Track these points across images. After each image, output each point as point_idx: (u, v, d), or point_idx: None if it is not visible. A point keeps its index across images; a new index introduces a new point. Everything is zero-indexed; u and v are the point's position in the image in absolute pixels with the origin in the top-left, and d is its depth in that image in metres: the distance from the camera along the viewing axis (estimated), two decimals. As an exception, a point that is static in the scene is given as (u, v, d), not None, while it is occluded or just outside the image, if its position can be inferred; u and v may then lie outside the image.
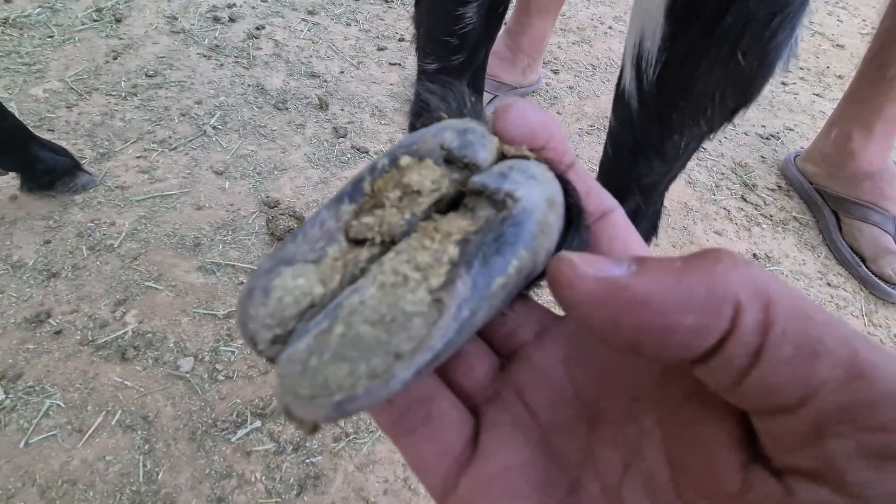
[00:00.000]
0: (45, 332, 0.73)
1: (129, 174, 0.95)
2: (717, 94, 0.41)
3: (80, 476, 0.62)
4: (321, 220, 0.16)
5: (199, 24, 1.29)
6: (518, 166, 0.15)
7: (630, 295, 0.12)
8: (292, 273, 0.15)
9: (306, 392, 0.13)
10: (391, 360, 0.13)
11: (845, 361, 0.11)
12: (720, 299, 0.12)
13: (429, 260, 0.14)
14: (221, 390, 0.71)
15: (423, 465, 0.18)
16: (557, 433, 0.17)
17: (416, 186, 0.16)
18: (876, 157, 0.96)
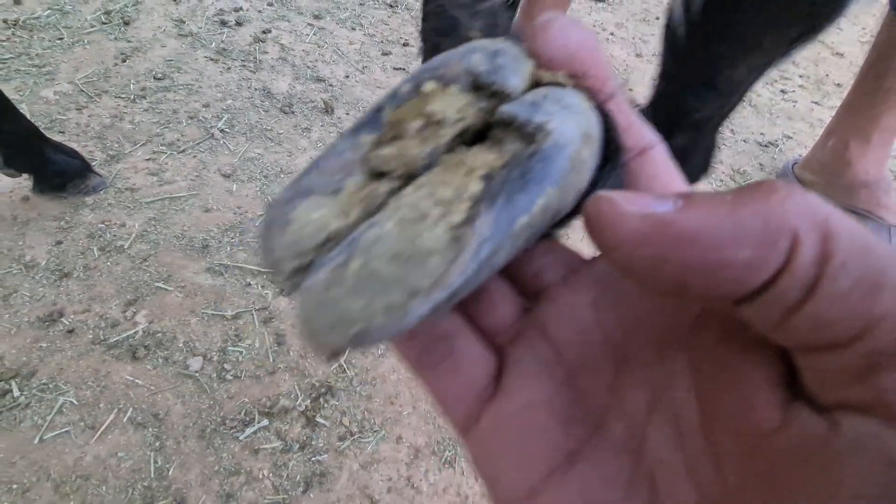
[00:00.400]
0: (57, 331, 0.75)
1: (139, 176, 0.97)
2: (773, 24, 0.36)
3: (92, 471, 0.64)
4: (339, 151, 0.15)
5: (206, 27, 1.31)
6: (552, 95, 0.14)
7: (677, 231, 0.12)
8: (310, 205, 0.15)
9: (324, 322, 0.14)
10: (407, 296, 0.13)
11: None
12: (776, 231, 0.11)
13: (450, 195, 0.13)
14: (230, 389, 0.73)
15: (446, 399, 0.18)
16: (582, 372, 0.17)
17: (438, 116, 0.15)
18: (872, 167, 0.97)
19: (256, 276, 0.85)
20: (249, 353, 0.76)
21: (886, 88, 0.89)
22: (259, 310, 0.81)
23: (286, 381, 0.74)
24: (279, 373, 0.75)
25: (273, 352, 0.77)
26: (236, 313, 0.80)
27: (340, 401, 0.73)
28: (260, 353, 0.77)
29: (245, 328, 0.79)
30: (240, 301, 0.82)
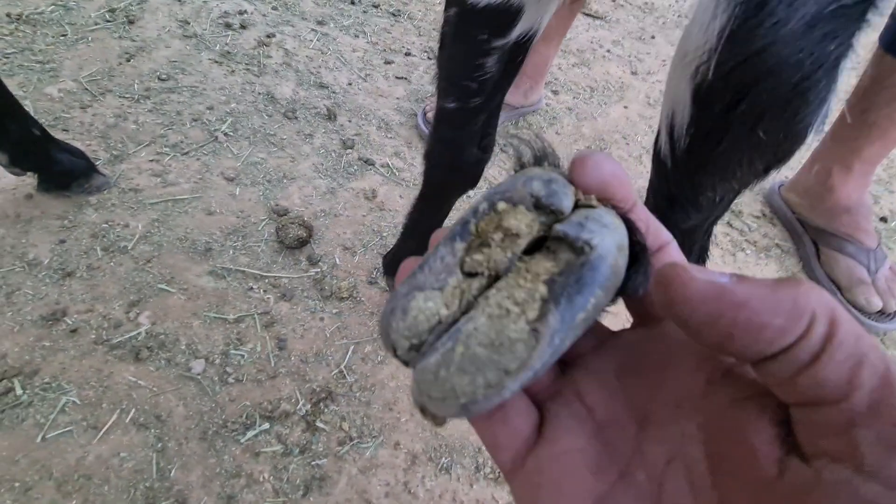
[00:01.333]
0: (60, 330, 0.76)
1: (143, 177, 0.97)
2: (745, 160, 0.44)
3: (95, 471, 0.65)
4: (441, 256, 0.20)
5: (210, 29, 1.32)
6: (593, 216, 0.19)
7: (733, 297, 0.15)
8: (424, 297, 0.19)
9: (438, 395, 0.18)
10: (502, 374, 0.17)
11: (881, 372, 0.14)
12: (801, 310, 0.15)
13: (525, 296, 0.18)
14: (231, 392, 0.74)
15: (496, 445, 0.21)
16: (610, 428, 0.20)
17: (514, 230, 0.19)
18: (854, 193, 1.02)
19: (258, 280, 0.87)
20: (251, 357, 0.78)
21: (870, 123, 0.93)
22: (261, 314, 0.83)
23: (287, 385, 0.76)
24: (280, 377, 0.77)
25: (274, 356, 0.79)
26: (238, 317, 0.82)
27: (340, 406, 0.75)
28: (261, 356, 0.78)
29: (247, 332, 0.80)
30: (242, 305, 0.83)
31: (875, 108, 0.92)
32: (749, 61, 0.37)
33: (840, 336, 0.15)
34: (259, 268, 0.88)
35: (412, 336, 0.19)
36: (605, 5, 1.74)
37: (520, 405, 0.21)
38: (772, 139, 0.41)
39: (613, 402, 0.21)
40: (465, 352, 0.18)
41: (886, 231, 1.21)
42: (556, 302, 0.18)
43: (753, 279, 0.16)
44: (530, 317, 0.18)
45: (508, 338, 0.17)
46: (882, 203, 1.29)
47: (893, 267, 1.04)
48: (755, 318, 0.15)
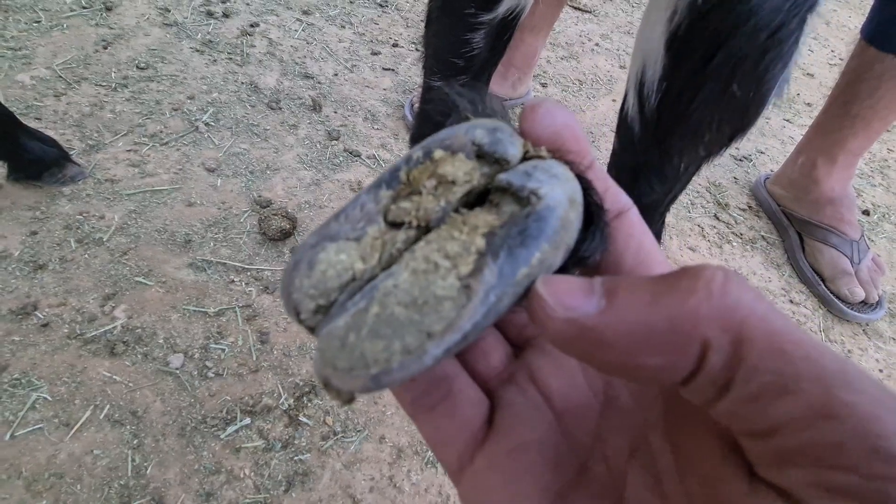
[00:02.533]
0: (31, 325, 0.73)
1: (119, 167, 0.94)
2: (715, 123, 0.43)
3: (67, 469, 0.62)
4: (361, 203, 0.17)
5: (192, 17, 1.28)
6: (542, 166, 0.16)
7: (596, 336, 0.13)
8: (335, 248, 0.16)
9: (345, 365, 0.15)
10: (424, 338, 0.14)
11: (816, 401, 0.11)
12: (686, 338, 0.12)
13: (458, 249, 0.15)
14: (211, 387, 0.72)
15: (440, 441, 0.19)
16: (569, 417, 0.18)
17: (450, 177, 0.17)
18: (838, 185, 1.03)
19: (240, 272, 0.85)
20: (232, 351, 0.76)
21: (853, 114, 0.94)
22: (242, 307, 0.81)
23: (269, 379, 0.74)
24: (262, 371, 0.75)
25: (256, 350, 0.77)
26: (219, 310, 0.80)
27: (324, 400, 0.74)
28: (243, 350, 0.76)
29: (228, 325, 0.78)
30: (223, 298, 0.81)
31: (857, 99, 0.92)
32: (729, 1, 0.35)
33: (752, 359, 0.11)
34: (241, 260, 0.86)
35: (319, 295, 0.16)
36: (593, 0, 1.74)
37: (469, 394, 0.19)
38: (743, 96, 0.40)
39: (572, 386, 0.18)
40: (381, 312, 0.15)
41: (869, 223, 1.23)
42: (494, 255, 0.15)
43: (628, 296, 0.13)
44: (462, 272, 0.15)
45: (434, 295, 0.15)
46: (865, 196, 1.31)
47: (876, 258, 1.05)
48: (625, 360, 0.13)
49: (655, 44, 0.41)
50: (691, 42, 0.39)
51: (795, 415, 0.11)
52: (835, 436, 0.11)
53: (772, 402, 0.11)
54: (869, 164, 1.41)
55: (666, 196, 0.54)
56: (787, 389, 0.11)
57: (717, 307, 0.12)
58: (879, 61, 0.88)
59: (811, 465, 0.11)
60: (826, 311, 1.02)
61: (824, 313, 1.02)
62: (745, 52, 0.37)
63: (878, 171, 1.40)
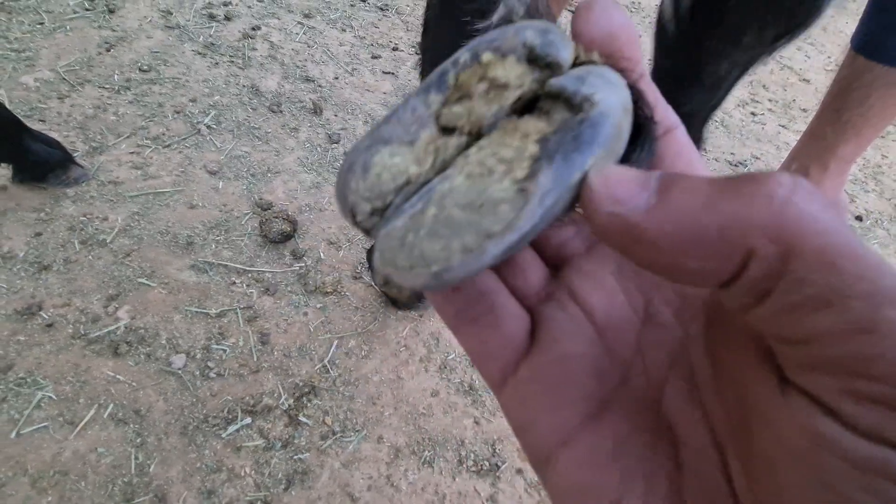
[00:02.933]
0: (36, 325, 0.74)
1: (122, 169, 0.96)
2: (755, 22, 0.39)
3: (71, 467, 0.64)
4: (412, 107, 0.17)
5: (194, 20, 1.29)
6: (595, 71, 0.16)
7: (639, 234, 0.13)
8: (389, 152, 0.16)
9: (405, 263, 0.15)
10: (483, 237, 0.14)
11: (861, 316, 0.11)
12: (731, 245, 0.12)
13: (511, 155, 0.15)
14: (213, 387, 0.73)
15: (484, 352, 0.19)
16: (609, 331, 0.18)
17: (502, 80, 0.16)
18: (830, 192, 1.04)
19: (241, 274, 0.86)
20: (233, 352, 0.77)
21: (844, 122, 0.96)
22: (243, 308, 0.82)
23: (270, 380, 0.75)
24: (263, 372, 0.76)
25: (257, 351, 0.78)
26: (220, 311, 0.81)
27: (323, 400, 0.75)
28: (244, 351, 0.78)
29: (229, 326, 0.80)
30: (224, 299, 0.83)
31: (848, 107, 0.94)
32: None
33: (798, 272, 0.11)
34: (242, 262, 0.87)
35: (374, 197, 0.16)
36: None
37: (511, 307, 0.19)
38: None
39: (612, 304, 0.19)
40: (439, 214, 0.15)
41: (862, 229, 1.24)
42: (549, 160, 0.15)
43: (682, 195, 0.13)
44: (518, 175, 0.15)
45: (491, 198, 0.15)
46: (858, 201, 1.32)
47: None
48: (664, 260, 0.13)
49: None
50: None
51: (835, 327, 0.11)
52: (874, 349, 0.11)
53: (811, 314, 0.11)
54: (863, 170, 1.43)
55: (706, 104, 0.50)
56: (831, 303, 0.11)
57: (772, 218, 0.12)
58: (869, 70, 0.90)
59: (844, 374, 0.11)
60: (817, 316, 1.04)
61: (816, 317, 1.04)
62: None
63: (872, 176, 1.42)
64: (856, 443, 0.11)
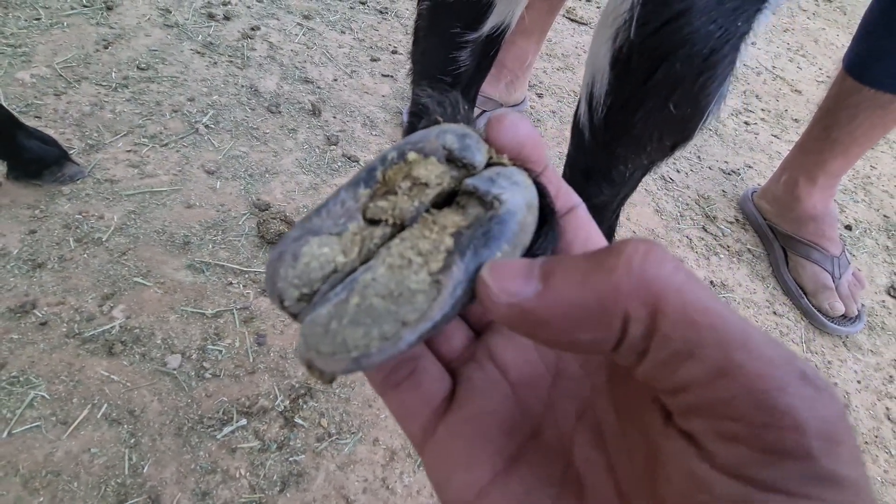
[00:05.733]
0: (29, 323, 0.74)
1: (119, 168, 0.95)
2: (656, 134, 0.46)
3: (64, 467, 0.63)
4: (342, 200, 0.19)
5: (193, 19, 1.29)
6: (504, 173, 0.18)
7: (535, 318, 0.15)
8: (318, 242, 0.18)
9: (328, 349, 0.16)
10: (399, 326, 0.16)
11: (715, 364, 0.13)
12: (611, 313, 0.14)
13: (429, 247, 0.17)
14: (208, 388, 0.73)
15: (406, 414, 0.20)
16: (523, 388, 0.20)
17: (424, 179, 0.18)
18: (819, 203, 1.06)
19: (238, 275, 0.86)
20: (229, 353, 0.77)
21: (832, 139, 0.98)
22: (240, 309, 0.82)
23: (265, 381, 0.75)
24: (259, 373, 0.76)
25: (253, 351, 0.78)
26: (217, 312, 0.81)
27: (319, 402, 0.75)
28: (240, 352, 0.77)
29: (225, 327, 0.79)
30: (220, 300, 0.82)
31: (837, 125, 0.96)
32: (666, 27, 0.38)
33: (665, 328, 0.13)
34: (239, 262, 0.87)
35: (302, 285, 0.17)
36: (590, 11, 1.77)
37: (432, 371, 0.21)
38: (680, 113, 0.43)
39: (526, 361, 0.21)
40: (361, 302, 0.16)
41: (851, 238, 1.27)
42: (461, 254, 0.17)
43: (562, 278, 0.15)
44: (433, 268, 0.17)
45: (409, 288, 0.16)
46: (847, 212, 1.35)
47: (856, 273, 1.08)
48: (563, 337, 0.14)
49: (601, 61, 0.44)
50: (631, 63, 0.42)
51: (698, 376, 0.13)
52: (728, 392, 0.13)
53: (680, 366, 0.13)
54: (852, 181, 1.46)
55: (615, 197, 0.57)
56: (692, 355, 0.13)
57: (635, 282, 0.13)
58: (857, 92, 0.92)
59: (710, 417, 0.13)
60: (808, 324, 1.06)
61: (806, 325, 1.06)
62: (681, 74, 0.40)
63: (861, 187, 1.45)
64: (723, 483, 0.13)
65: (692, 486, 0.13)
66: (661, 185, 1.26)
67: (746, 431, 0.12)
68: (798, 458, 0.12)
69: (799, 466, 0.12)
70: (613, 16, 0.41)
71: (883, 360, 1.04)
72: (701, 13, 0.37)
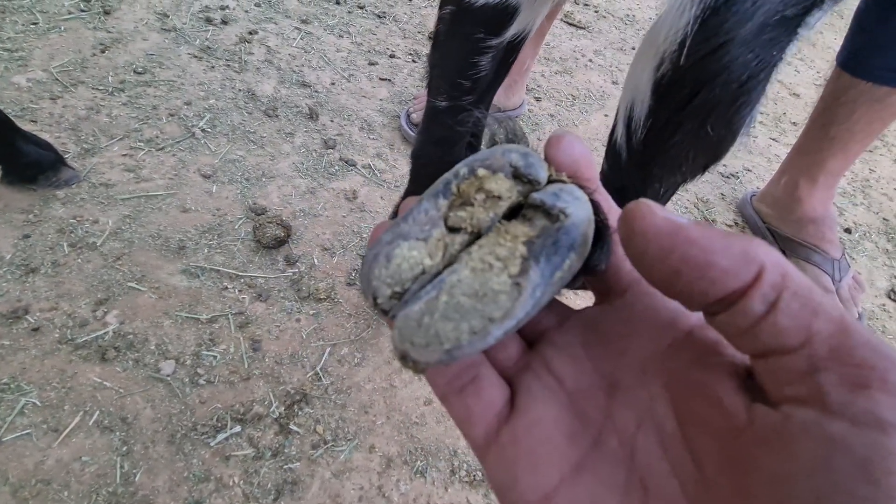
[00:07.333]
0: (21, 329, 0.73)
1: (115, 172, 0.95)
2: (691, 155, 0.48)
3: (54, 476, 0.62)
4: (425, 209, 0.21)
5: (190, 23, 1.29)
6: (566, 188, 0.20)
7: (686, 234, 0.16)
8: (408, 246, 0.20)
9: (422, 342, 0.18)
10: (486, 322, 0.18)
11: (836, 319, 0.15)
12: (751, 258, 0.16)
13: (506, 253, 0.19)
14: (202, 394, 0.72)
15: (469, 419, 0.21)
16: (580, 397, 0.21)
17: (496, 192, 0.20)
18: (819, 205, 1.06)
19: (234, 279, 0.85)
20: (224, 358, 0.76)
21: (831, 137, 0.97)
22: (235, 314, 0.81)
23: (260, 387, 0.74)
24: (254, 379, 0.75)
25: (248, 357, 0.77)
26: (211, 317, 0.80)
27: (315, 409, 0.74)
28: (235, 358, 0.76)
29: (220, 332, 0.79)
30: (215, 305, 0.81)
31: (835, 122, 0.96)
32: (710, 56, 0.40)
33: (793, 286, 0.15)
34: (234, 267, 0.87)
35: (395, 284, 0.19)
36: (587, 16, 1.77)
37: (492, 378, 0.22)
38: (716, 135, 0.45)
39: (581, 371, 0.21)
40: (450, 300, 0.18)
41: (850, 241, 1.26)
42: (535, 259, 0.19)
43: (708, 226, 0.16)
44: (512, 271, 0.18)
45: (492, 289, 0.18)
46: (847, 215, 1.34)
47: (856, 276, 1.08)
48: (703, 256, 0.16)
49: (644, 86, 0.46)
50: (673, 88, 0.44)
51: (824, 328, 0.15)
52: (849, 342, 0.14)
53: (808, 318, 0.15)
54: (851, 184, 1.45)
55: None
56: (816, 310, 0.15)
57: (769, 249, 0.16)
58: (854, 87, 0.92)
59: (835, 367, 0.14)
60: (808, 327, 1.05)
61: (806, 329, 1.05)
62: (718, 99, 0.42)
63: (860, 190, 1.44)
64: (858, 436, 0.13)
65: (828, 450, 0.14)
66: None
67: (875, 376, 0.14)
68: None
69: None
70: (661, 44, 0.43)
71: (884, 365, 1.03)
72: (742, 43, 0.39)
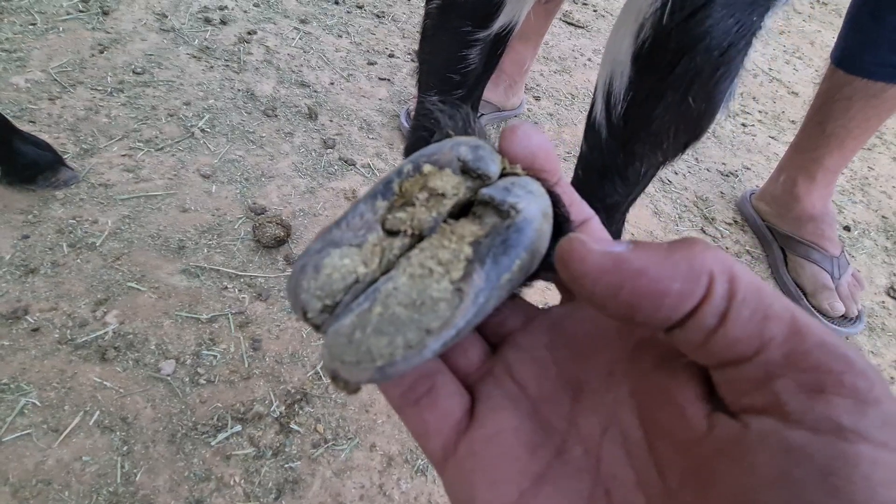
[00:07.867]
0: (21, 329, 0.73)
1: (114, 172, 0.95)
2: (672, 130, 0.47)
3: (55, 476, 0.62)
4: (360, 212, 0.19)
5: (189, 23, 1.29)
6: (519, 182, 0.19)
7: (630, 266, 0.15)
8: (339, 254, 0.18)
9: (352, 359, 0.16)
10: (423, 334, 0.16)
11: (788, 322, 0.14)
12: (698, 271, 0.15)
13: (449, 256, 0.17)
14: (202, 394, 0.72)
15: (425, 432, 0.20)
16: (544, 404, 0.20)
17: (440, 190, 0.19)
18: (818, 202, 1.06)
19: (233, 279, 0.85)
20: (224, 358, 0.76)
21: (828, 133, 0.98)
22: (235, 314, 0.81)
23: (261, 386, 0.74)
24: (254, 378, 0.75)
25: (248, 357, 0.77)
26: (211, 317, 0.80)
27: (315, 408, 0.74)
28: (235, 357, 0.76)
29: (220, 332, 0.79)
30: (215, 304, 0.81)
31: (830, 119, 0.96)
32: (691, 17, 0.39)
33: (742, 292, 0.15)
34: (234, 267, 0.86)
35: (325, 296, 0.17)
36: (586, 15, 1.77)
37: (449, 387, 0.20)
38: (697, 108, 0.44)
39: (546, 377, 0.20)
40: (384, 312, 0.16)
41: (850, 239, 1.26)
42: (481, 262, 0.17)
43: (649, 244, 0.16)
44: (454, 276, 0.17)
45: (431, 297, 0.17)
46: (846, 213, 1.34)
47: (856, 274, 1.08)
48: (654, 286, 0.15)
49: (623, 56, 0.45)
50: (654, 56, 0.42)
51: (776, 333, 0.14)
52: (803, 345, 0.14)
53: (759, 325, 0.14)
54: (850, 182, 1.45)
55: (627, 197, 0.57)
56: (767, 315, 0.14)
57: (714, 253, 0.15)
58: (848, 83, 0.92)
59: (795, 371, 0.14)
60: (808, 325, 1.05)
61: (806, 327, 1.05)
62: (700, 66, 0.41)
63: (859, 188, 1.44)
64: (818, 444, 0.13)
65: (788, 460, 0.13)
66: (660, 187, 1.26)
67: (831, 379, 0.13)
68: (871, 402, 0.13)
69: (877, 412, 0.13)
70: (640, 9, 0.42)
71: (884, 362, 1.03)
72: (723, 5, 0.38)
